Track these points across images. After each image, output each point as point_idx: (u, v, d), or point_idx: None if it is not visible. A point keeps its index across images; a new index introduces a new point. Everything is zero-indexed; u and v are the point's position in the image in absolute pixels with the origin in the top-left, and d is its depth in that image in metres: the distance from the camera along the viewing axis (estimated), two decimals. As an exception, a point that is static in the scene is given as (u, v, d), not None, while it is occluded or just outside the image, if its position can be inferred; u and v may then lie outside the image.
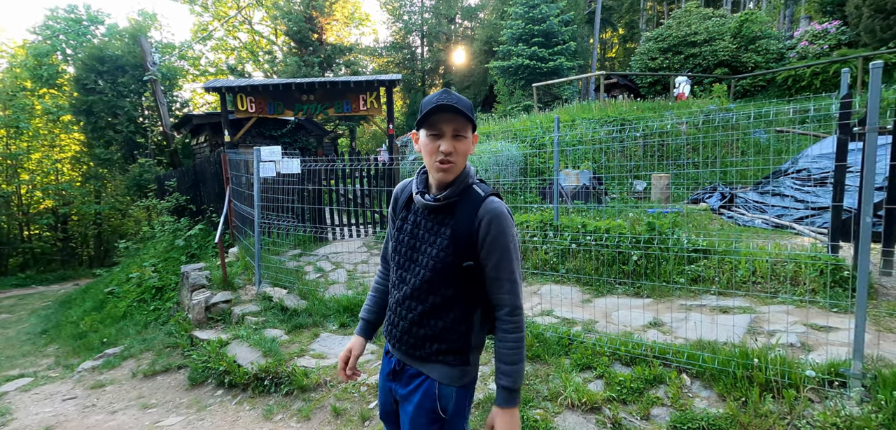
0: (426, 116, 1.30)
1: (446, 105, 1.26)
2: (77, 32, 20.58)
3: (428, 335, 1.38)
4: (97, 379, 4.75)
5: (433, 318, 1.38)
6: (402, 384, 1.44)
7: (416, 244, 1.40)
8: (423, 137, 1.34)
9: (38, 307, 11.32)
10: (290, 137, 14.30)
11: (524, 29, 18.63)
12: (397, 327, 1.44)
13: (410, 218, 1.45)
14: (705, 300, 4.11)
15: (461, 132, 1.31)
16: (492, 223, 1.31)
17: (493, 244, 1.32)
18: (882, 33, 12.87)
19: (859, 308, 2.41)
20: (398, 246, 1.44)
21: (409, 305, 1.40)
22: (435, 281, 1.35)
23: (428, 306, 1.37)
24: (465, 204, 1.35)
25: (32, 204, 21.12)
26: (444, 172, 1.32)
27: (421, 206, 1.40)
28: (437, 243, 1.35)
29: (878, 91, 2.30)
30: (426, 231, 1.39)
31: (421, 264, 1.38)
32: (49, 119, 20.21)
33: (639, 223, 5.21)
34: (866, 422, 2.22)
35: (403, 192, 1.53)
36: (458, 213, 1.34)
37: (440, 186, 1.37)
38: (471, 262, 1.34)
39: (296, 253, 7.06)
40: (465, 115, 1.28)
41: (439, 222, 1.37)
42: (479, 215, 1.32)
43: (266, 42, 27.55)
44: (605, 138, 8.39)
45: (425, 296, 1.37)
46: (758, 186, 7.42)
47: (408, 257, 1.42)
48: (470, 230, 1.32)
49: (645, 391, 2.80)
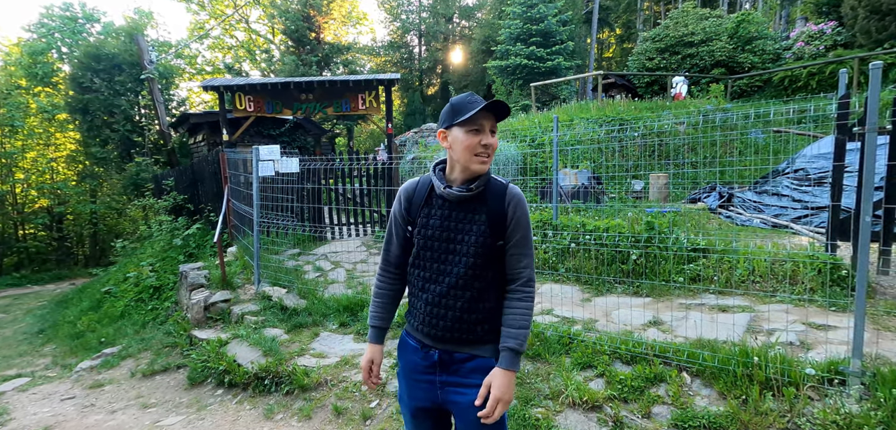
0: (470, 116, 1.38)
1: (492, 107, 1.39)
2: (72, 30, 20.46)
3: (478, 319, 1.46)
4: (95, 379, 4.73)
5: (481, 301, 1.46)
6: (454, 372, 1.49)
7: (450, 236, 1.46)
8: (461, 134, 1.41)
9: (33, 307, 11.25)
10: (288, 137, 14.27)
11: (522, 28, 18.65)
12: (443, 319, 1.47)
13: (435, 213, 1.49)
14: (704, 299, 4.13)
15: (494, 128, 1.45)
16: (519, 205, 1.46)
17: (518, 224, 1.46)
18: (877, 34, 12.95)
19: (858, 307, 2.43)
20: (428, 242, 1.48)
21: (455, 294, 1.45)
22: (478, 265, 1.43)
23: (475, 292, 1.44)
24: (492, 191, 1.47)
25: (27, 203, 20.96)
26: (483, 164, 1.42)
27: (453, 197, 1.46)
28: (474, 230, 1.44)
29: (878, 91, 2.32)
30: (459, 221, 1.46)
31: (461, 252, 1.44)
32: (44, 118, 20.07)
33: (638, 223, 5.23)
34: (866, 419, 2.23)
35: (417, 191, 1.56)
36: (489, 199, 1.46)
37: (470, 178, 1.45)
38: (502, 242, 1.46)
39: (295, 252, 7.04)
40: (501, 116, 1.43)
41: (472, 210, 1.46)
42: (507, 198, 1.46)
43: (263, 41, 27.47)
44: (603, 138, 8.41)
45: (471, 282, 1.44)
46: (755, 185, 7.46)
47: (443, 249, 1.47)
48: (502, 213, 1.45)
49: (646, 389, 2.82)
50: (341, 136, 22.30)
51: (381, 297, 1.67)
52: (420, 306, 1.52)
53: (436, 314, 1.48)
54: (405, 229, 1.57)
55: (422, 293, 1.51)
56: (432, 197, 1.53)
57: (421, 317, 1.52)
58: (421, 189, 1.56)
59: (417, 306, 1.54)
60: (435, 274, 1.48)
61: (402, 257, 1.62)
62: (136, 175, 14.89)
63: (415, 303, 1.56)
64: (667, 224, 5.01)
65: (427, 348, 1.52)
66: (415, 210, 1.54)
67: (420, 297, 1.52)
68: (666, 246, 4.60)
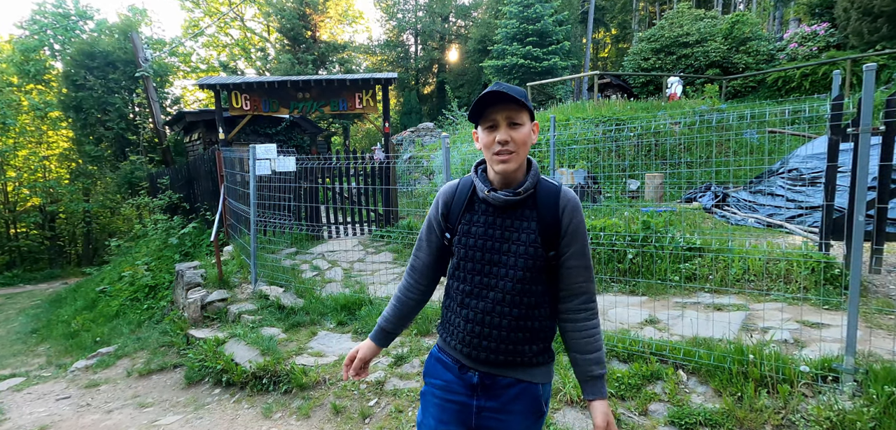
0: (478, 111, 1.26)
1: (495, 93, 1.22)
2: (65, 27, 20.28)
3: (526, 339, 1.32)
4: (91, 378, 4.70)
5: (530, 319, 1.32)
6: (493, 397, 1.34)
7: (495, 246, 1.31)
8: (481, 133, 1.30)
9: (26, 306, 11.16)
10: (284, 135, 14.22)
11: (519, 28, 18.70)
12: (487, 338, 1.31)
13: (478, 219, 1.34)
14: (700, 298, 4.16)
15: (516, 120, 1.26)
16: (575, 212, 1.31)
17: (575, 233, 1.30)
18: (870, 36, 13.09)
19: (852, 305, 2.46)
20: (470, 252, 1.33)
21: (501, 311, 1.30)
22: (527, 279, 1.29)
23: (524, 309, 1.30)
24: (544, 194, 1.32)
25: (19, 202, 20.78)
26: (505, 163, 1.26)
27: (498, 202, 1.30)
28: (522, 239, 1.29)
29: (872, 93, 2.35)
30: (505, 229, 1.31)
31: (508, 264, 1.29)
32: (36, 115, 19.89)
33: (634, 222, 5.26)
34: (859, 416, 2.27)
35: (457, 194, 1.41)
36: (540, 204, 1.30)
37: (506, 180, 1.30)
38: (553, 252, 1.31)
39: (291, 251, 7.03)
40: (518, 100, 1.23)
41: (520, 217, 1.31)
42: (560, 203, 1.30)
43: (258, 39, 27.35)
44: (599, 138, 8.46)
45: (520, 297, 1.30)
46: (750, 185, 7.53)
47: (488, 260, 1.31)
48: (555, 219, 1.29)
49: (642, 387, 2.85)
50: (337, 135, 22.25)
51: (398, 302, 1.53)
52: (459, 322, 1.36)
53: (478, 333, 1.32)
54: (442, 236, 1.42)
55: (461, 309, 1.35)
56: (474, 201, 1.37)
57: (460, 335, 1.35)
58: (461, 192, 1.40)
59: (456, 322, 1.37)
60: (477, 288, 1.32)
61: (430, 267, 1.48)
62: (131, 174, 14.79)
63: (452, 319, 1.39)
64: (662, 223, 5.05)
65: (465, 369, 1.37)
66: (454, 216, 1.39)
67: (459, 313, 1.36)
68: (662, 245, 4.64)
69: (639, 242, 4.69)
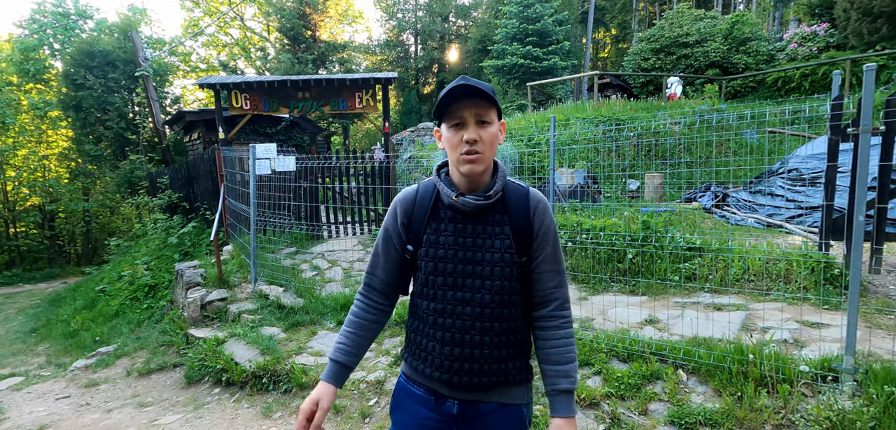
0: (444, 106, 1.16)
1: (464, 87, 1.12)
2: (65, 27, 20.26)
3: (510, 355, 1.21)
4: (91, 378, 4.70)
5: (512, 333, 1.21)
6: (475, 427, 1.23)
7: (467, 256, 1.19)
8: (446, 132, 1.19)
9: (26, 306, 11.15)
10: (284, 135, 14.22)
11: (519, 28, 18.71)
12: (469, 360, 1.18)
13: (446, 227, 1.22)
14: (700, 298, 4.17)
15: (485, 117, 1.16)
16: (546, 213, 1.23)
17: (546, 235, 1.22)
18: (869, 36, 13.10)
19: (852, 305, 2.47)
20: (440, 265, 1.20)
21: (483, 327, 1.18)
22: (506, 289, 1.19)
23: (505, 322, 1.20)
24: (513, 197, 1.23)
25: (19, 201, 20.76)
26: (473, 164, 1.15)
27: (468, 208, 1.19)
28: (497, 246, 1.19)
29: (872, 93, 2.36)
30: (477, 236, 1.20)
31: (485, 274, 1.18)
32: (36, 115, 19.87)
33: (634, 222, 5.26)
34: (858, 415, 2.27)
35: (418, 201, 1.28)
36: (511, 207, 1.22)
37: (473, 183, 1.20)
38: (526, 257, 1.22)
39: (291, 251, 7.03)
40: (488, 96, 1.14)
41: (492, 222, 1.21)
42: (531, 204, 1.22)
43: (258, 38, 27.34)
44: (599, 138, 8.46)
45: (501, 310, 1.19)
46: (750, 185, 7.53)
47: (461, 273, 1.19)
48: (527, 222, 1.21)
49: (642, 386, 2.85)
50: (337, 134, 22.25)
51: (354, 327, 1.32)
52: (433, 346, 1.21)
53: (458, 356, 1.18)
54: (404, 249, 1.28)
55: (435, 330, 1.21)
56: (439, 208, 1.25)
57: (436, 360, 1.21)
58: (423, 198, 1.27)
59: (428, 346, 1.23)
60: (452, 304, 1.19)
61: (390, 285, 1.33)
62: (130, 173, 14.78)
63: (423, 343, 1.25)
64: (662, 223, 5.05)
65: (443, 400, 1.23)
66: (417, 225, 1.26)
67: (433, 335, 1.22)
68: (661, 245, 4.64)
69: (639, 242, 4.70)
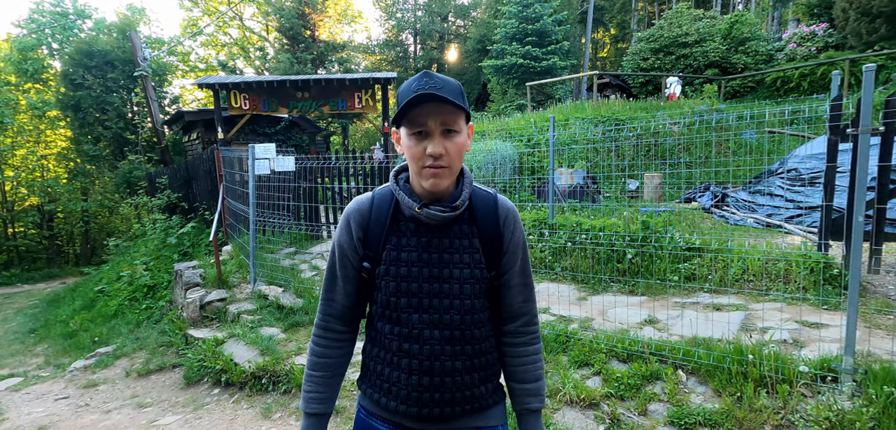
0: (404, 111, 1.00)
1: (427, 94, 0.97)
2: (63, 26, 20.22)
3: (482, 378, 1.12)
4: (90, 378, 4.69)
5: (483, 354, 1.13)
6: None
7: (433, 273, 1.08)
8: (406, 139, 1.04)
9: (24, 306, 11.13)
10: (283, 135, 14.21)
11: (518, 28, 18.70)
12: (439, 389, 1.08)
13: (408, 242, 1.09)
14: (699, 298, 4.17)
15: (452, 126, 1.02)
16: (516, 222, 1.14)
17: (516, 247, 1.14)
18: (868, 36, 13.11)
19: (851, 305, 2.47)
20: (404, 285, 1.08)
21: (454, 350, 1.08)
22: (476, 307, 1.10)
23: (476, 343, 1.11)
24: (481, 207, 1.12)
25: (17, 201, 20.72)
26: (436, 178, 1.03)
27: (434, 220, 1.07)
28: (465, 260, 1.09)
29: (871, 93, 2.36)
30: (443, 251, 1.08)
31: (453, 293, 1.08)
32: (34, 114, 19.84)
33: (633, 222, 5.27)
34: (858, 416, 2.27)
35: (373, 213, 1.13)
36: (479, 217, 1.11)
37: (435, 195, 1.07)
38: (495, 271, 1.13)
39: (290, 251, 7.02)
40: (454, 103, 0.99)
41: (459, 235, 1.10)
42: (500, 215, 1.13)
43: (257, 38, 27.31)
44: (598, 138, 8.46)
45: (471, 330, 1.09)
46: (749, 185, 7.54)
47: (427, 292, 1.08)
48: (497, 234, 1.12)
49: (642, 387, 2.85)
50: (336, 134, 22.23)
51: (320, 370, 1.18)
52: (397, 376, 1.09)
53: (427, 385, 1.07)
54: (360, 267, 1.14)
55: (400, 357, 1.09)
56: (399, 220, 1.11)
57: (403, 392, 1.09)
58: (379, 209, 1.13)
59: (392, 376, 1.10)
60: (418, 328, 1.08)
61: (351, 309, 1.18)
62: (129, 173, 14.77)
63: (385, 372, 1.12)
64: (661, 224, 5.05)
65: None
66: (375, 239, 1.11)
67: (397, 362, 1.10)
68: (661, 245, 4.64)
69: (638, 242, 4.70)
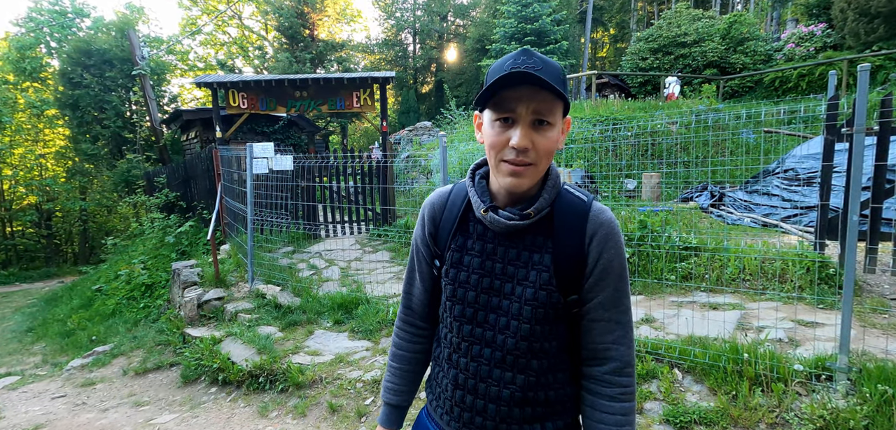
0: (492, 90, 0.84)
1: (523, 73, 0.81)
2: (62, 25, 20.19)
3: (538, 415, 0.95)
4: (87, 377, 4.69)
5: (542, 389, 0.95)
6: None
7: (493, 284, 0.95)
8: (488, 125, 0.89)
9: (22, 305, 11.11)
10: (281, 134, 14.21)
11: (517, 28, 18.72)
12: (483, 414, 0.95)
13: (473, 245, 0.97)
14: (696, 297, 4.18)
15: (546, 116, 0.86)
16: (609, 241, 0.91)
17: (606, 272, 0.92)
18: (866, 37, 13.15)
19: (846, 304, 2.48)
20: (460, 291, 0.97)
21: (502, 376, 0.94)
22: (537, 335, 0.92)
23: (533, 375, 0.94)
24: (564, 216, 0.93)
25: (15, 200, 20.69)
26: (518, 177, 0.88)
27: (498, 227, 0.93)
28: (531, 279, 0.92)
29: (866, 93, 2.37)
30: (509, 262, 0.94)
31: (511, 312, 0.93)
32: (33, 113, 19.81)
33: (631, 221, 5.27)
34: (852, 414, 2.28)
35: (448, 208, 1.03)
36: (558, 229, 0.93)
37: (515, 197, 0.93)
38: (576, 296, 0.94)
39: (288, 250, 7.02)
40: (554, 89, 0.82)
41: (529, 247, 0.94)
42: (588, 229, 0.92)
43: (256, 37, 27.28)
44: (597, 137, 8.47)
45: (527, 359, 0.93)
46: (746, 185, 7.55)
47: (483, 305, 0.95)
48: (578, 253, 0.91)
49: (638, 385, 2.86)
50: (335, 134, 22.23)
51: (398, 361, 1.14)
52: (446, 385, 1.01)
53: (469, 405, 0.96)
54: (432, 263, 1.05)
55: (449, 367, 1.00)
56: (468, 220, 1.00)
57: (447, 403, 1.00)
58: (453, 204, 1.03)
59: (443, 384, 1.02)
60: (468, 341, 0.96)
61: (428, 305, 1.10)
62: (127, 172, 14.76)
63: (440, 377, 1.04)
64: (659, 223, 5.07)
65: None
66: (444, 237, 1.02)
67: (447, 371, 1.01)
68: (658, 244, 4.65)
69: (635, 241, 4.70)
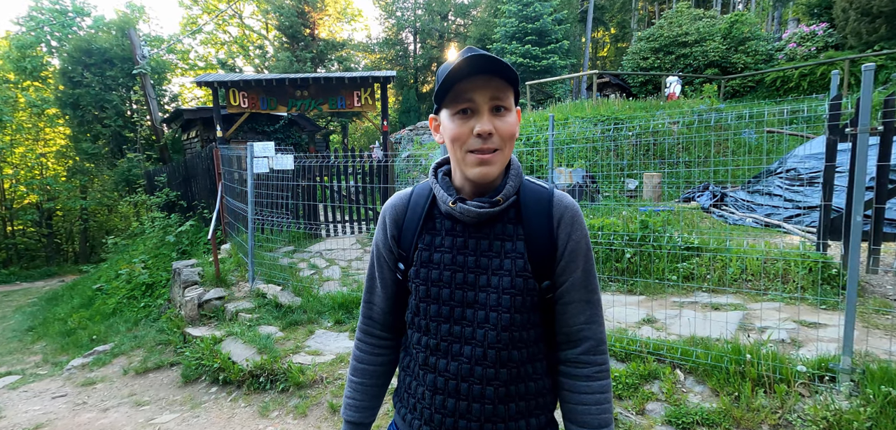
0: (448, 86, 0.86)
1: (478, 60, 0.84)
2: (62, 24, 20.18)
3: (523, 410, 0.94)
4: (87, 377, 4.68)
5: (524, 380, 0.94)
6: None
7: (468, 279, 0.93)
8: (447, 120, 0.91)
9: (23, 304, 11.11)
10: (282, 133, 14.19)
11: (518, 27, 18.70)
12: (468, 415, 0.92)
13: (442, 242, 0.96)
14: (697, 297, 4.17)
15: (503, 102, 0.88)
16: (574, 224, 0.94)
17: (574, 254, 0.94)
18: (868, 36, 13.11)
19: (849, 305, 2.46)
20: (433, 289, 0.95)
21: (485, 373, 0.91)
22: (517, 324, 0.92)
23: (515, 367, 0.93)
24: (530, 203, 0.95)
25: (16, 199, 20.70)
26: (485, 165, 0.88)
27: (469, 217, 0.92)
28: (506, 267, 0.92)
29: (870, 93, 2.35)
30: (482, 254, 0.93)
31: (489, 304, 0.92)
32: (33, 112, 19.82)
33: (632, 221, 5.26)
34: (855, 415, 2.27)
35: (411, 208, 1.01)
36: (527, 215, 0.94)
37: (481, 186, 0.93)
38: (548, 281, 0.94)
39: (289, 250, 7.02)
40: (504, 75, 0.86)
41: (501, 236, 0.93)
42: (554, 214, 0.94)
43: (257, 37, 27.26)
44: (598, 137, 8.46)
45: (508, 351, 0.92)
46: (748, 185, 7.54)
47: (459, 301, 0.93)
48: (549, 237, 0.93)
49: (640, 386, 2.85)
50: (336, 133, 22.22)
51: (359, 375, 1.08)
52: (423, 393, 0.97)
53: (451, 409, 0.93)
54: (396, 268, 1.02)
55: (425, 372, 0.96)
56: (434, 217, 0.99)
57: (426, 412, 0.96)
58: (416, 204, 1.01)
59: (417, 392, 0.98)
60: (447, 341, 0.94)
61: (392, 312, 1.06)
62: (128, 171, 14.76)
63: (413, 387, 1.00)
64: (660, 223, 5.05)
65: None
66: (408, 238, 0.99)
67: (423, 378, 0.97)
68: (660, 245, 4.64)
69: (637, 241, 4.69)
